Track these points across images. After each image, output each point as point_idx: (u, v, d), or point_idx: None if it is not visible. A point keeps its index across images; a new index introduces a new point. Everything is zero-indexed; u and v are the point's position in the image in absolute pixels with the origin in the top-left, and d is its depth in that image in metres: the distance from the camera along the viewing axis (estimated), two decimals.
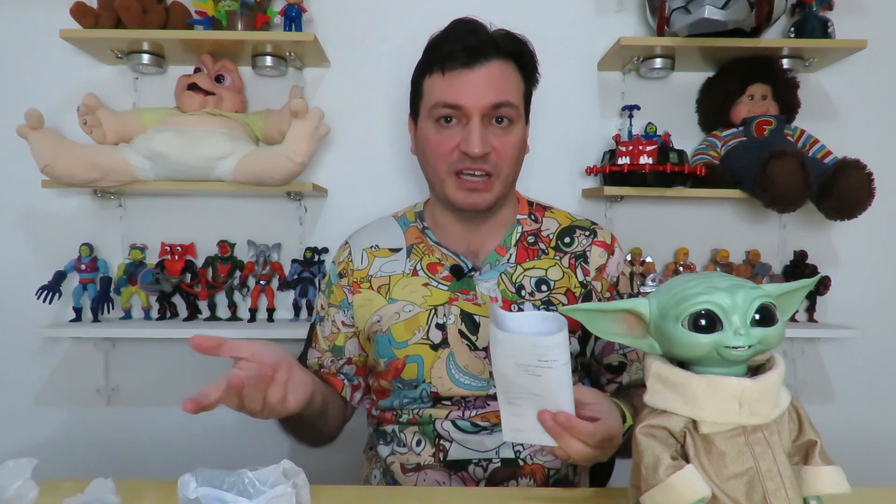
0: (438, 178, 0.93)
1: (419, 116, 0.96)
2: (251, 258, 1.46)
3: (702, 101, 1.47)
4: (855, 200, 1.24)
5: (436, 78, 0.91)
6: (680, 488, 0.49)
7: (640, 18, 1.46)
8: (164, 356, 1.51)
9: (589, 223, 1.02)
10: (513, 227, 1.00)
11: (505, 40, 0.91)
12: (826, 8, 1.38)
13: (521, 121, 0.94)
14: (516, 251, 0.97)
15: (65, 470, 1.13)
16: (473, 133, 0.87)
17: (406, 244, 1.01)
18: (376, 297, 0.98)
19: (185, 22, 1.34)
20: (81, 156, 1.27)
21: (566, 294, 0.95)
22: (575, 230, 1.01)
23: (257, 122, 1.39)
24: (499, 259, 0.97)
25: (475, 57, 0.88)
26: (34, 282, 1.38)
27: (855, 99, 1.48)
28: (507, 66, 0.91)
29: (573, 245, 0.99)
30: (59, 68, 1.44)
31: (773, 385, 0.50)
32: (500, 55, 0.90)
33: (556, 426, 0.64)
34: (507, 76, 0.91)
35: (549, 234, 1.00)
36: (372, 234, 1.05)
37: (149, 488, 0.75)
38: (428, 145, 0.93)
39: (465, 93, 0.88)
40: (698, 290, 0.51)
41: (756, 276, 1.45)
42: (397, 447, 0.95)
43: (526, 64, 0.95)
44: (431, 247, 0.99)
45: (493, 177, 0.90)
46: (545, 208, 1.05)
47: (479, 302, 0.94)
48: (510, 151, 0.91)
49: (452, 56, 0.88)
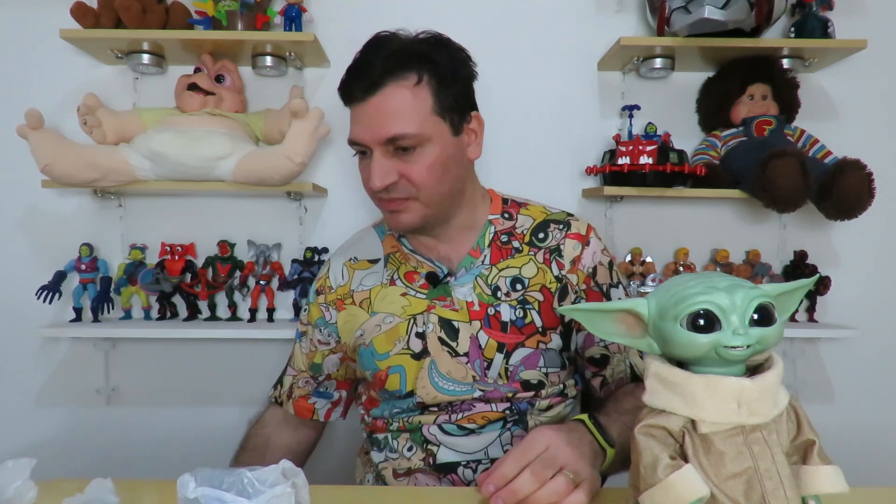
0: (375, 203, 0.95)
1: None
2: (251, 258, 1.46)
3: (702, 101, 1.47)
4: (855, 200, 1.24)
5: (349, 112, 0.91)
6: (679, 488, 0.49)
7: (640, 18, 1.46)
8: (164, 356, 1.51)
9: (564, 215, 1.01)
10: (485, 227, 0.98)
11: (405, 56, 0.86)
12: (826, 8, 1.38)
13: (434, 140, 0.87)
14: (490, 252, 0.96)
15: (64, 470, 1.14)
16: (373, 168, 0.87)
17: (383, 253, 1.02)
18: (359, 312, 0.99)
19: (185, 22, 1.34)
20: (81, 156, 1.27)
21: (541, 291, 0.94)
22: (549, 224, 0.99)
23: (257, 122, 1.39)
24: (473, 262, 0.96)
25: (368, 90, 0.85)
26: (34, 282, 1.38)
27: (855, 99, 1.48)
28: (404, 89, 0.85)
29: (547, 240, 0.97)
30: (59, 68, 1.44)
31: (771, 385, 0.50)
32: (397, 78, 0.85)
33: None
34: (401, 102, 0.85)
35: (522, 231, 0.98)
36: (351, 247, 1.06)
37: (148, 488, 0.75)
38: (361, 174, 0.94)
39: (362, 128, 0.87)
40: (697, 290, 0.51)
41: (756, 276, 1.45)
42: (390, 453, 0.96)
43: (441, 70, 0.87)
44: (407, 255, 0.99)
45: (410, 200, 0.89)
46: (520, 205, 1.02)
47: (456, 308, 0.94)
48: (423, 174, 0.87)
49: (349, 91, 0.88)
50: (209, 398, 1.52)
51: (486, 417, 0.91)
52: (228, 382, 1.52)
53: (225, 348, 1.51)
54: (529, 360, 0.91)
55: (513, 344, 0.92)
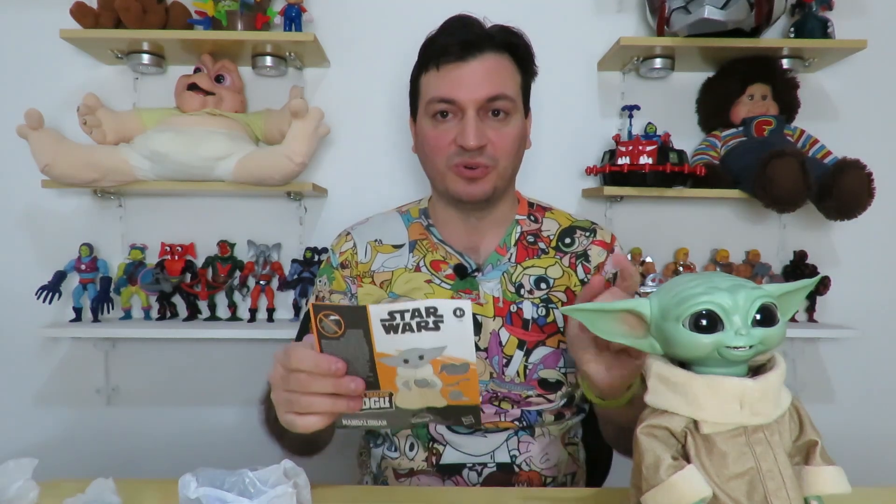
0: (438, 172, 0.93)
1: (417, 114, 0.96)
2: (251, 258, 1.46)
3: (702, 101, 1.47)
4: (855, 200, 1.24)
5: (431, 74, 0.90)
6: (681, 488, 0.49)
7: (640, 18, 1.46)
8: (164, 356, 1.51)
9: (589, 223, 1.02)
10: (511, 226, 0.99)
11: (500, 33, 0.91)
12: (826, 8, 1.38)
13: (519, 113, 0.93)
14: (516, 251, 0.97)
15: (65, 470, 1.13)
16: (469, 126, 0.87)
17: (409, 239, 1.00)
18: (376, 291, 0.97)
19: (185, 22, 1.34)
20: (81, 156, 1.27)
21: (565, 292, 0.95)
22: (575, 230, 1.00)
23: (257, 122, 1.39)
24: (499, 259, 0.96)
25: (468, 50, 0.87)
26: (34, 282, 1.38)
27: (855, 99, 1.49)
28: (502, 59, 0.90)
29: (574, 245, 0.98)
30: (59, 68, 1.44)
31: (774, 385, 0.50)
32: (495, 48, 0.89)
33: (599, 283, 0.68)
34: (501, 68, 0.90)
35: (549, 235, 0.99)
36: (375, 229, 1.03)
37: (149, 488, 0.74)
38: (426, 141, 0.92)
39: (459, 86, 0.87)
40: (699, 290, 0.51)
41: (756, 277, 1.45)
42: (388, 451, 0.94)
43: (522, 56, 0.93)
44: (435, 244, 0.98)
45: (490, 168, 0.90)
46: (545, 209, 1.04)
47: (482, 302, 0.93)
48: (507, 143, 0.90)
49: (446, 51, 0.88)
50: (209, 398, 1.52)
51: (496, 425, 0.90)
52: (228, 382, 1.52)
53: (225, 348, 1.51)
54: (549, 359, 0.91)
55: (533, 342, 0.91)
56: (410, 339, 0.57)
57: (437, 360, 0.59)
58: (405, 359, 0.59)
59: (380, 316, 0.57)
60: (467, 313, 0.56)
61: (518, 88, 0.92)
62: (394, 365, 0.60)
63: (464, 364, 0.59)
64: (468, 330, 0.57)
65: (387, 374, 0.61)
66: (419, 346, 0.58)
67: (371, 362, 0.60)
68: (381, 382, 0.61)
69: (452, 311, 0.56)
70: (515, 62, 0.92)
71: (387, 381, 0.61)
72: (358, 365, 0.60)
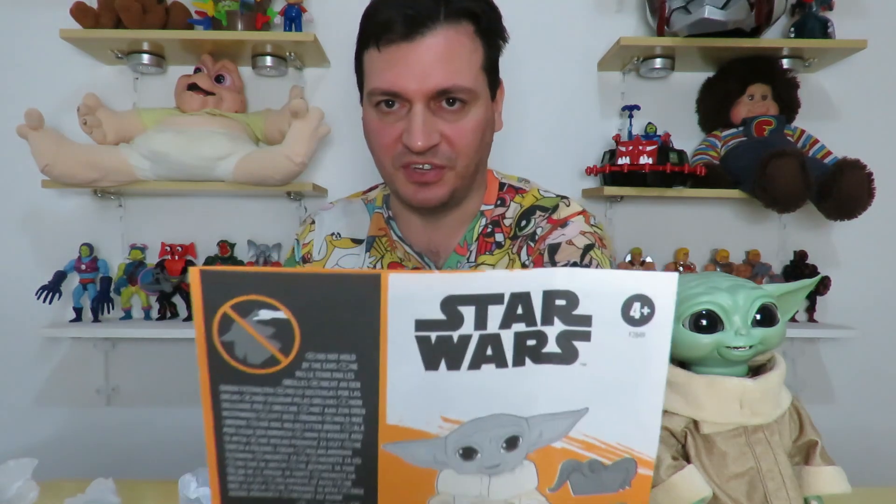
0: (386, 172, 0.79)
1: (363, 99, 0.81)
2: (251, 258, 1.46)
3: (702, 101, 1.47)
4: (855, 200, 1.24)
5: (372, 54, 0.74)
6: (681, 488, 0.49)
7: (640, 18, 1.46)
8: (164, 356, 1.51)
9: (554, 200, 0.86)
10: (475, 221, 0.85)
11: (456, 1, 0.72)
12: (826, 8, 1.38)
13: (481, 99, 0.75)
14: (476, 248, 0.85)
15: (65, 470, 1.13)
16: (415, 124, 0.71)
17: (368, 235, 0.90)
18: None
19: (185, 22, 1.34)
20: (81, 156, 1.27)
21: None
22: (535, 211, 0.86)
23: (257, 123, 1.39)
24: (459, 260, 0.85)
25: (415, 27, 0.70)
26: (34, 282, 1.38)
27: (855, 99, 1.49)
28: (459, 33, 0.72)
29: (528, 227, 0.85)
30: (59, 68, 1.44)
31: (774, 385, 0.50)
32: (450, 19, 0.71)
33: None
34: (457, 46, 0.72)
35: (510, 223, 0.86)
36: (337, 219, 0.93)
37: (149, 488, 0.75)
38: (370, 134, 0.79)
39: (404, 75, 0.71)
40: (699, 290, 0.51)
41: (756, 277, 1.45)
42: None
43: (486, 26, 0.75)
44: (395, 242, 0.87)
45: (446, 169, 0.75)
46: (518, 190, 0.89)
47: None
48: (466, 139, 0.74)
49: (388, 27, 0.71)
50: None
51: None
52: None
53: None
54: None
55: None
56: (478, 388, 0.26)
57: (556, 451, 0.27)
58: (465, 447, 0.28)
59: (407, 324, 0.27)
60: (663, 317, 0.26)
61: (479, 70, 0.75)
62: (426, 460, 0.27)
63: (627, 460, 0.29)
64: (658, 365, 0.27)
65: (401, 477, 0.27)
66: (505, 411, 0.26)
67: (362, 442, 0.27)
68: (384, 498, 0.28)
69: (623, 308, 0.25)
70: (478, 34, 0.74)
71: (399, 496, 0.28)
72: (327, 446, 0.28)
